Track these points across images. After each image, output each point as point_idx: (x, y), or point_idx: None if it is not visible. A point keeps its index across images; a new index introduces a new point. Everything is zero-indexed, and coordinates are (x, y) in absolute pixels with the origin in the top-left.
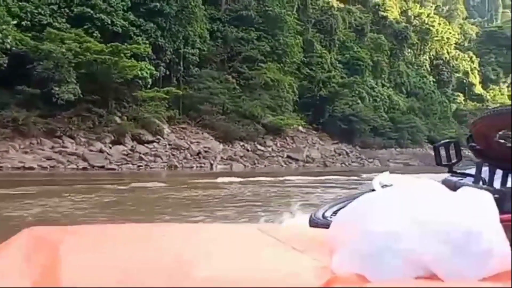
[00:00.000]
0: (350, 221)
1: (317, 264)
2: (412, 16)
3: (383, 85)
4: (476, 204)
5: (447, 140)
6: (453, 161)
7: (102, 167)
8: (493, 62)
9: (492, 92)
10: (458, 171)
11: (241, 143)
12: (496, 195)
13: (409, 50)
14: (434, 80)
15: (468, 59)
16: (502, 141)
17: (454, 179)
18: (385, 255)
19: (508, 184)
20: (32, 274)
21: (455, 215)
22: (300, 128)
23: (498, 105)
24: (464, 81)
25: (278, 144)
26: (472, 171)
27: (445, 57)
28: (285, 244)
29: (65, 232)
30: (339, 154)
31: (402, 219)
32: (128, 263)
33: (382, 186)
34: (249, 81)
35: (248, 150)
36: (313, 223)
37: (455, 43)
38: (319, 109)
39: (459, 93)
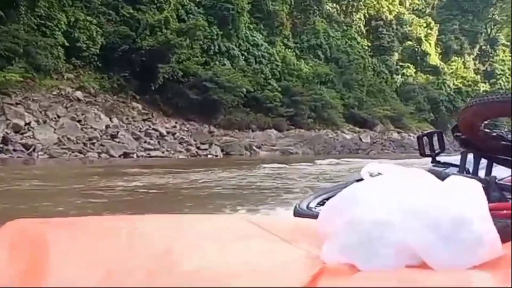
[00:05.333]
0: (339, 211)
1: (307, 255)
2: None
3: (285, 45)
4: (465, 193)
5: (431, 131)
6: (436, 151)
7: None
8: (456, 30)
9: (454, 65)
10: (442, 160)
11: None
12: (482, 185)
13: (334, 4)
14: (369, 44)
15: (425, 24)
16: (488, 130)
17: (440, 169)
18: (375, 244)
19: (493, 174)
20: (16, 272)
21: (444, 203)
22: (79, 93)
23: (482, 94)
24: (416, 49)
25: None
26: (451, 160)
27: (386, 17)
28: (272, 234)
29: (49, 225)
30: (114, 137)
31: (391, 208)
32: (113, 257)
33: (371, 176)
34: None
35: None
36: (298, 214)
37: (414, 9)
38: (148, 69)
39: (409, 64)
